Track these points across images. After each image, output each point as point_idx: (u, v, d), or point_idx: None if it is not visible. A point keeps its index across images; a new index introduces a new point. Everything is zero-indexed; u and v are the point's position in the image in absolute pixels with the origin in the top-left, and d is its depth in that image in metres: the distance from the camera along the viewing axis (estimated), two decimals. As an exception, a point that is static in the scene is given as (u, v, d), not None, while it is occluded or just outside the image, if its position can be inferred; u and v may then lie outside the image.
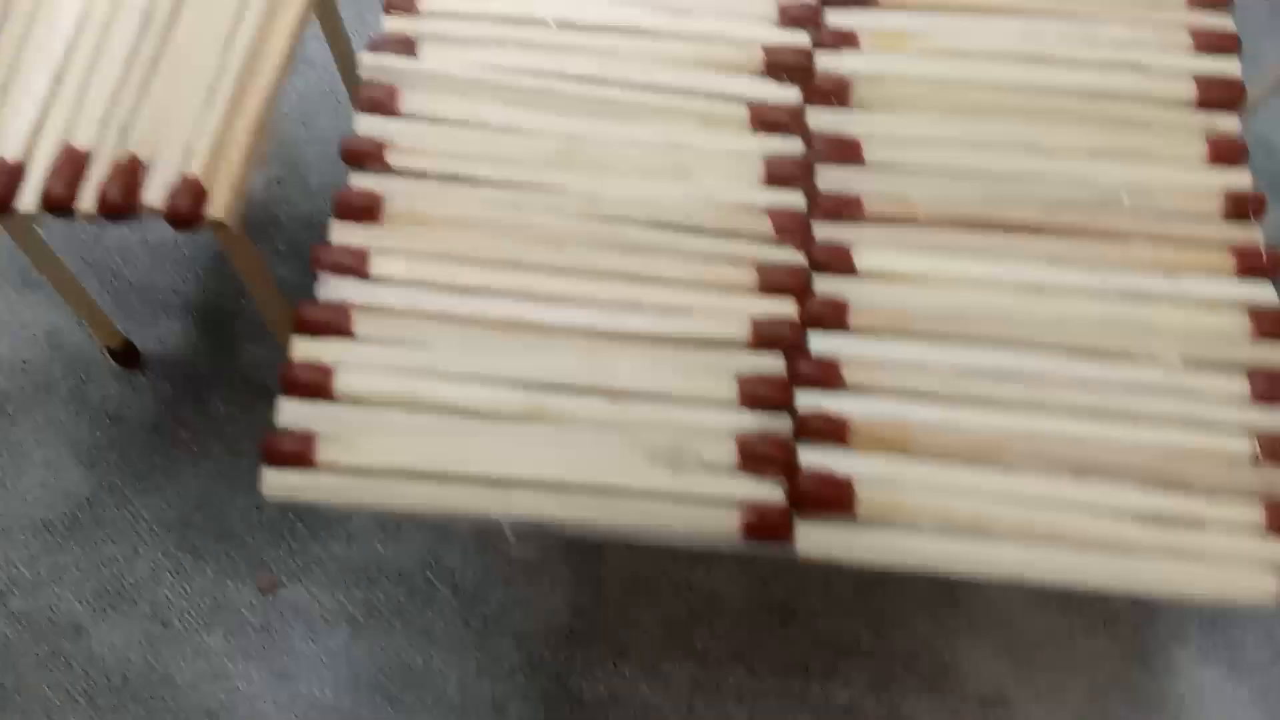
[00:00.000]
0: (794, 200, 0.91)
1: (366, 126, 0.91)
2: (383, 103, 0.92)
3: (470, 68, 0.95)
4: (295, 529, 1.18)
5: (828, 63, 0.98)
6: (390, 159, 0.90)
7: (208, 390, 1.26)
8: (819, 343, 0.85)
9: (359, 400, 0.80)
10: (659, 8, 1.00)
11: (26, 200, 0.90)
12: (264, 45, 0.94)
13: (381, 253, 0.85)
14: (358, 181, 0.88)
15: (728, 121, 0.95)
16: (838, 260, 0.89)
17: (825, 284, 0.88)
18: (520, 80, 0.95)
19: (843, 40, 0.99)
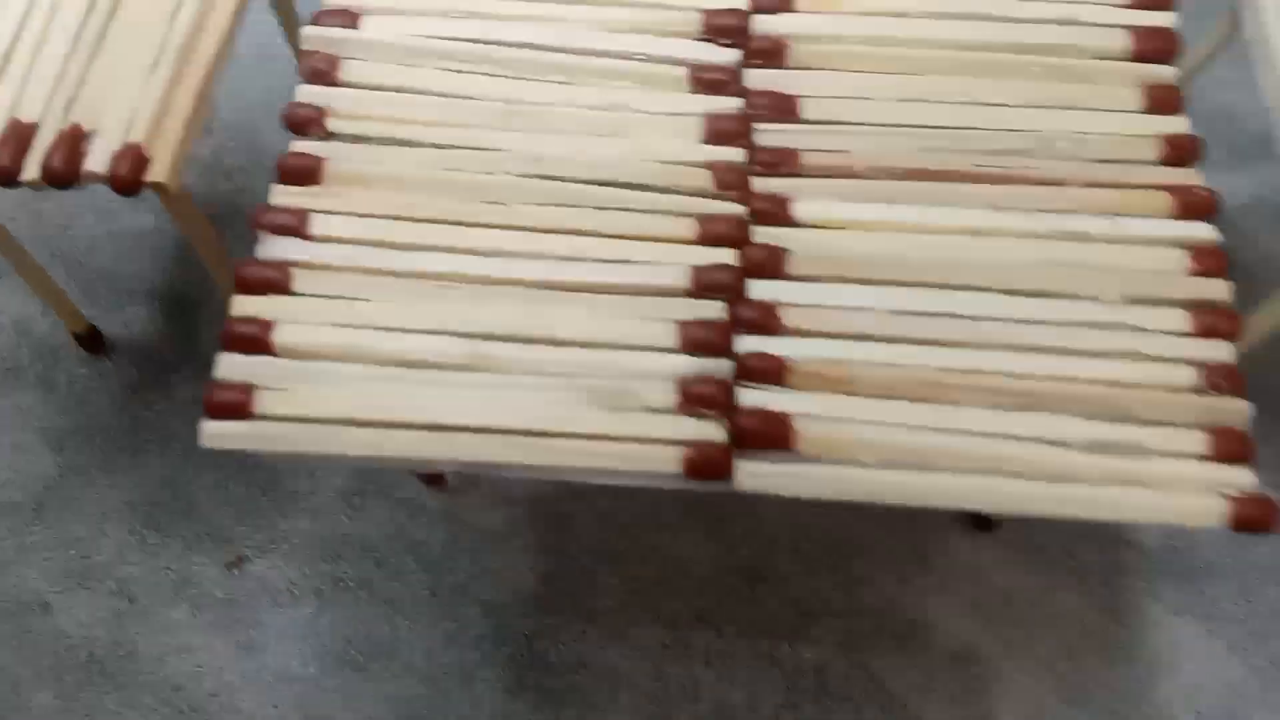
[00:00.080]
0: (733, 155, 0.92)
1: (308, 94, 0.92)
2: (324, 72, 0.93)
3: (411, 37, 0.96)
4: (261, 505, 1.18)
5: (765, 24, 0.99)
6: (331, 125, 0.90)
7: (173, 374, 1.27)
8: (758, 289, 0.86)
9: (298, 353, 0.80)
10: (597, -26, 1.01)
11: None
12: (206, 20, 0.96)
13: (321, 213, 0.86)
14: (298, 146, 0.90)
15: (667, 82, 0.95)
16: (776, 211, 0.89)
17: (764, 234, 0.89)
18: (461, 48, 0.95)
19: (781, 4, 1.00)
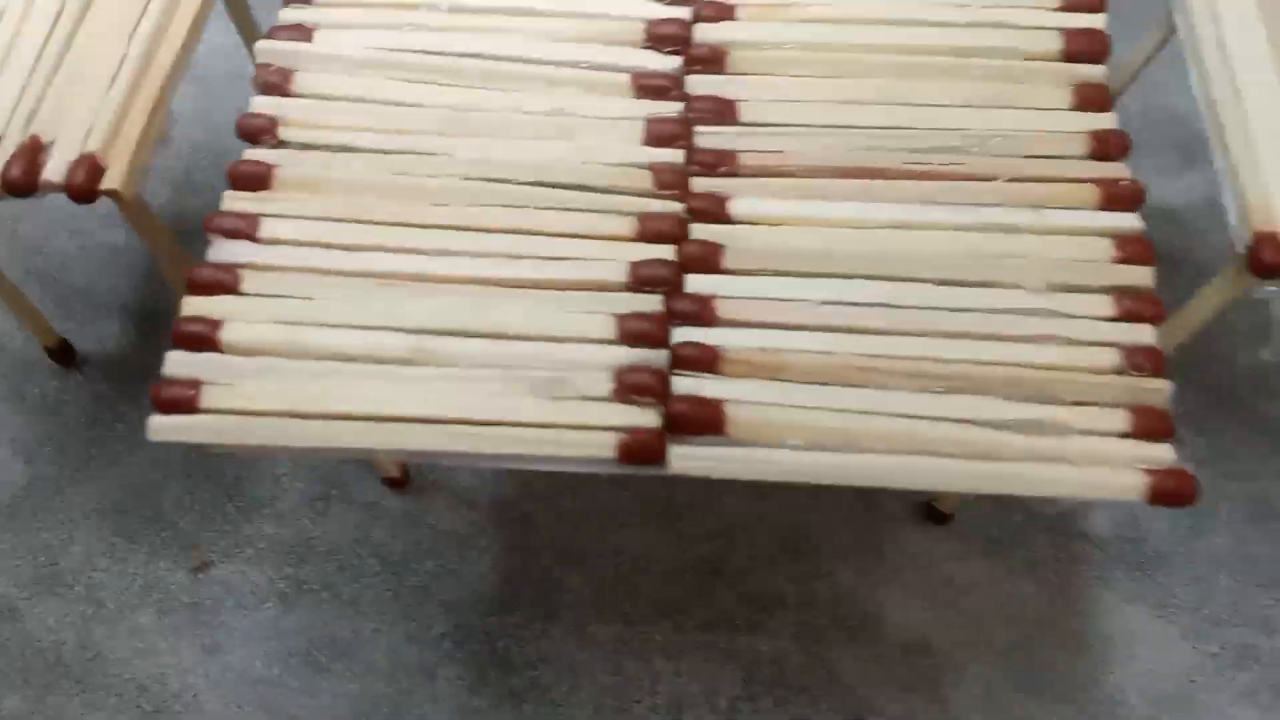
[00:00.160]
0: (673, 157, 0.95)
1: (261, 105, 0.95)
2: (277, 84, 0.96)
3: (362, 49, 0.99)
4: (226, 511, 1.21)
5: (706, 32, 1.02)
6: (283, 133, 0.94)
7: (142, 386, 1.25)
8: (695, 283, 0.89)
9: (244, 349, 0.83)
10: (550, -10, 1.05)
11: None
12: (163, 35, 0.99)
13: (271, 216, 0.89)
14: (250, 154, 0.93)
15: (611, 88, 0.99)
16: (714, 209, 0.93)
17: (702, 231, 0.92)
18: (411, 59, 0.99)
19: (721, 13, 1.04)
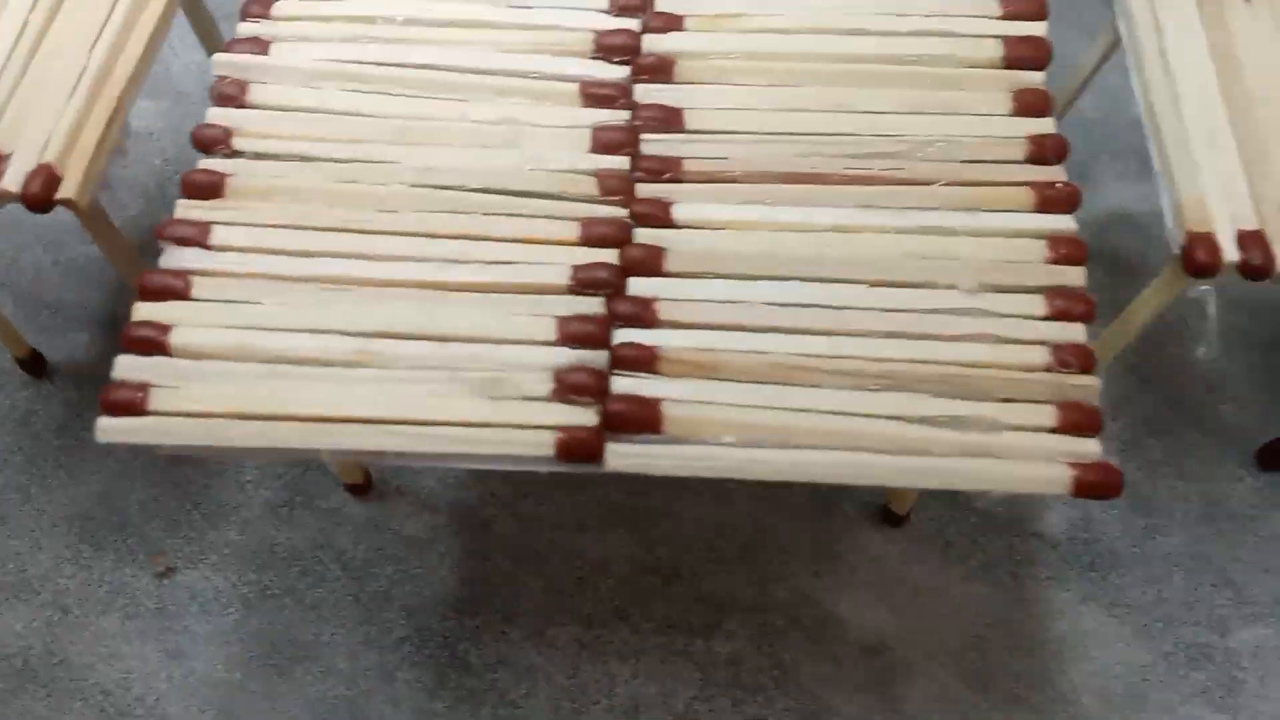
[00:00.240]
0: (619, 163, 0.98)
1: (216, 116, 0.98)
2: (233, 96, 0.99)
3: (316, 61, 1.01)
4: (192, 518, 1.22)
5: (654, 43, 1.05)
6: (237, 144, 0.96)
7: None
8: (637, 286, 0.91)
9: (192, 353, 0.85)
10: (501, 3, 1.07)
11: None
12: (121, 48, 1.02)
13: (222, 224, 0.91)
14: (204, 164, 0.95)
15: (560, 97, 1.01)
16: (657, 214, 0.95)
17: (645, 235, 0.94)
18: (365, 70, 1.01)
19: (670, 24, 1.06)
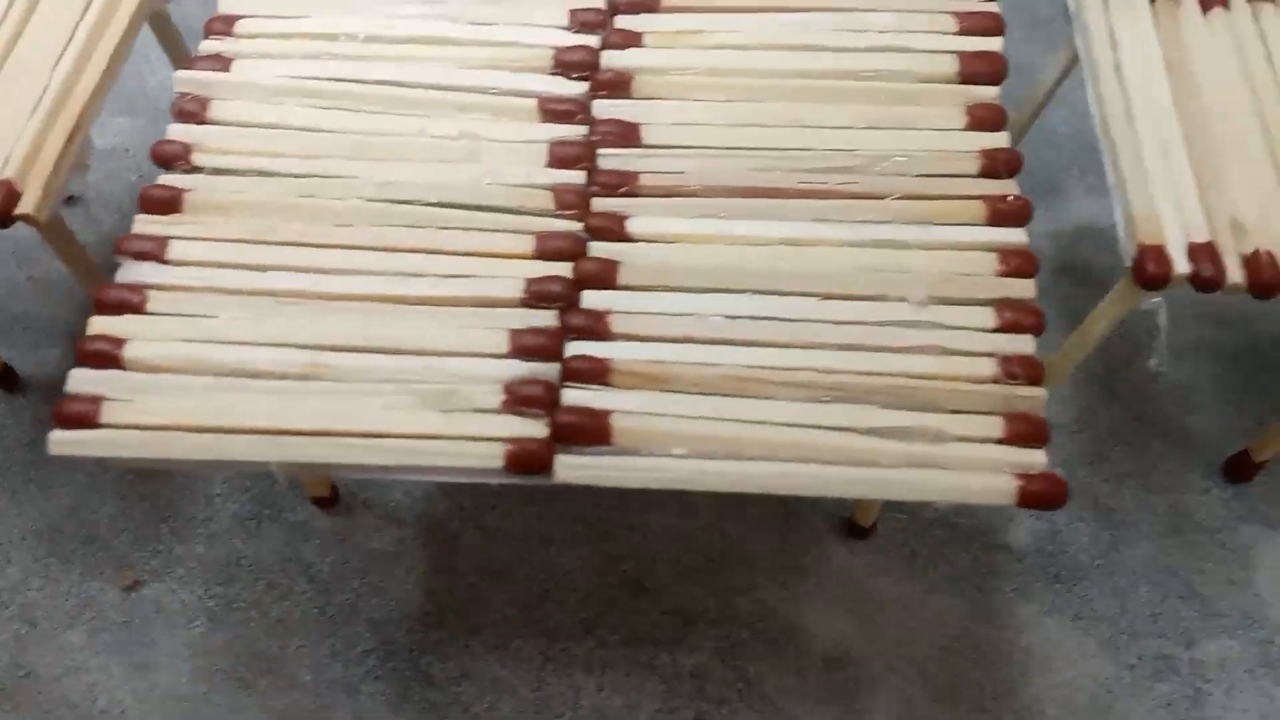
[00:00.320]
0: (575, 178, 0.99)
1: (176, 132, 0.99)
2: (194, 112, 1.00)
3: (276, 77, 1.03)
4: (160, 532, 1.23)
5: (613, 59, 1.06)
6: (196, 159, 0.97)
7: None
8: (590, 299, 0.92)
9: (145, 366, 0.85)
10: (461, 20, 1.08)
11: None
12: (83, 67, 1.04)
13: (180, 239, 0.92)
14: (163, 179, 0.96)
15: (517, 113, 1.02)
16: (612, 227, 0.96)
17: (600, 249, 0.95)
18: (325, 86, 1.03)
19: (629, 40, 1.07)
